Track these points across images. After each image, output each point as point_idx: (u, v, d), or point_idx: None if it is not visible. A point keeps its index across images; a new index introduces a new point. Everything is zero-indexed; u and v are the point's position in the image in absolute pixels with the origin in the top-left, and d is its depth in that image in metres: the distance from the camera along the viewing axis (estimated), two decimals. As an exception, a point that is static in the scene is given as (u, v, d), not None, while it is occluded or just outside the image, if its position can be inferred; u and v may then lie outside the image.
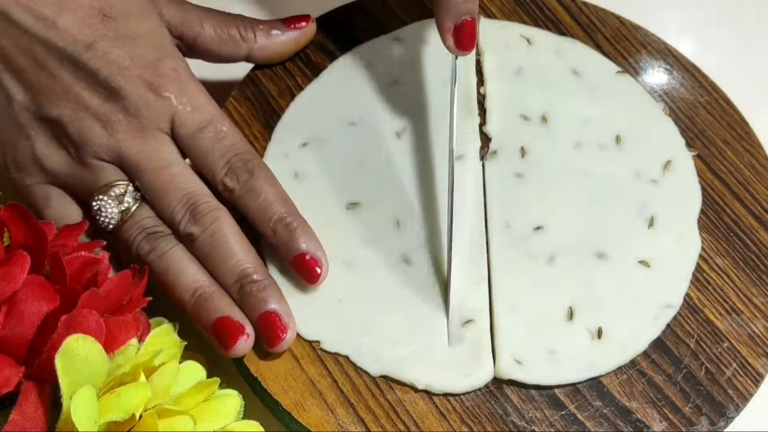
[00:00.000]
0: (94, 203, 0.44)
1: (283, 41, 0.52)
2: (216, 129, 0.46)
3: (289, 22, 0.52)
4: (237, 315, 0.43)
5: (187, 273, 0.43)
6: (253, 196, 0.45)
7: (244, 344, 0.42)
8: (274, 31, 0.52)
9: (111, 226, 0.44)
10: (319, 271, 0.45)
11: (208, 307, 0.43)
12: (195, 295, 0.43)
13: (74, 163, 0.44)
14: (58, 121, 0.44)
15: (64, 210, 0.45)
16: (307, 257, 0.44)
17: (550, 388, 0.44)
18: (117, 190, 0.44)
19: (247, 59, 0.52)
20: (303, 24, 0.52)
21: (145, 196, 0.44)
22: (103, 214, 0.44)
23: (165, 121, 0.45)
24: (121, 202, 0.44)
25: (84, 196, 0.45)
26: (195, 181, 0.45)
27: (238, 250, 0.44)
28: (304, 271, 0.45)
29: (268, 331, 0.43)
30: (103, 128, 0.44)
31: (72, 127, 0.44)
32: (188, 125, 0.45)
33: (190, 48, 0.50)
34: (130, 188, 0.44)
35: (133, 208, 0.44)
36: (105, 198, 0.44)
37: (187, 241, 0.44)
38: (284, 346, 0.43)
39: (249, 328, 0.43)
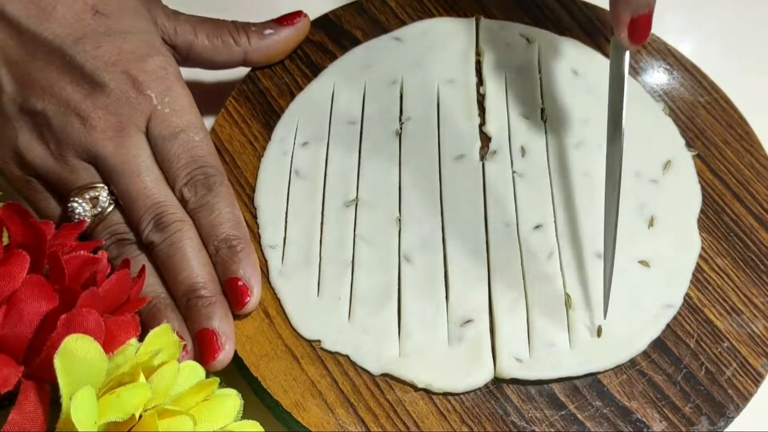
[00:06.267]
0: (68, 204, 0.44)
1: (277, 40, 0.52)
2: (188, 137, 0.46)
3: (281, 20, 0.52)
4: (183, 331, 0.43)
5: (147, 282, 0.43)
6: (206, 211, 0.45)
7: (183, 359, 0.41)
8: (267, 31, 0.51)
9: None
10: (247, 300, 0.44)
11: (159, 319, 0.43)
12: (150, 305, 0.43)
13: (53, 159, 0.45)
14: (42, 115, 0.44)
15: (42, 203, 0.45)
16: (240, 283, 0.44)
17: (549, 382, 0.44)
18: (92, 193, 0.44)
19: (244, 63, 0.52)
20: (296, 20, 0.52)
21: (118, 200, 0.45)
22: (77, 216, 0.44)
23: (142, 119, 0.45)
24: (95, 206, 0.44)
25: (61, 192, 0.45)
26: (165, 192, 0.45)
27: (193, 263, 0.44)
28: (233, 296, 0.44)
29: (203, 348, 0.42)
30: (82, 125, 0.44)
31: (55, 122, 0.44)
32: (162, 127, 0.45)
33: (185, 58, 0.50)
34: (105, 192, 0.44)
35: (106, 212, 0.44)
36: (79, 200, 0.44)
37: (149, 248, 0.44)
38: (217, 366, 0.42)
39: (189, 345, 0.43)
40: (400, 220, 0.48)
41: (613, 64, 0.48)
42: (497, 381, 0.44)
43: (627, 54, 0.47)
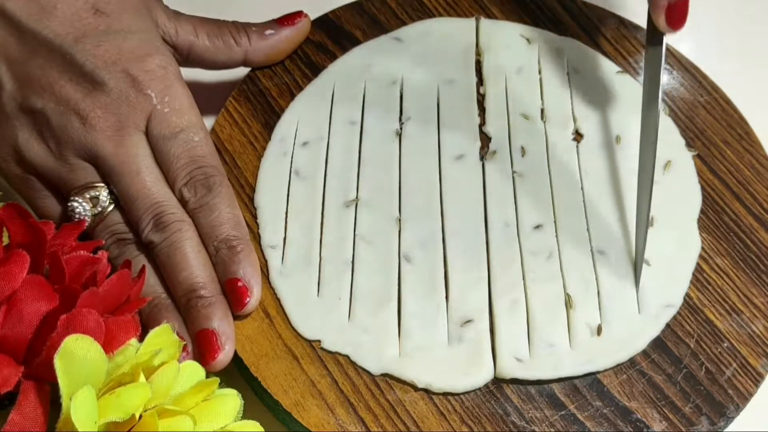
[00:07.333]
0: (69, 203, 0.44)
1: (278, 40, 0.52)
2: (188, 137, 0.45)
3: (282, 20, 0.52)
4: (183, 332, 0.43)
5: (147, 282, 0.44)
6: (205, 212, 0.45)
7: (183, 359, 0.41)
8: (268, 31, 0.51)
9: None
10: (247, 300, 0.44)
11: (159, 319, 0.43)
12: (151, 305, 0.43)
13: (53, 158, 0.45)
14: (42, 113, 0.44)
15: (42, 202, 0.45)
16: (240, 284, 0.44)
17: (549, 382, 0.44)
18: (92, 193, 0.44)
19: (245, 63, 0.52)
20: (297, 20, 0.52)
21: (118, 200, 0.45)
22: (77, 216, 0.44)
23: (142, 119, 0.45)
24: (95, 205, 0.44)
25: (61, 191, 0.45)
26: (165, 192, 0.45)
27: (193, 263, 0.44)
28: (233, 296, 0.44)
29: (203, 348, 0.42)
30: (81, 124, 0.44)
31: (54, 121, 0.44)
32: (162, 127, 0.45)
33: (185, 58, 0.50)
34: (105, 191, 0.44)
35: (107, 212, 0.44)
36: (80, 200, 0.44)
37: (148, 248, 0.44)
38: (217, 366, 0.42)
39: (189, 345, 0.43)
40: (400, 220, 0.48)
41: (649, 50, 0.49)
42: (497, 381, 0.44)
43: (664, 39, 0.49)
